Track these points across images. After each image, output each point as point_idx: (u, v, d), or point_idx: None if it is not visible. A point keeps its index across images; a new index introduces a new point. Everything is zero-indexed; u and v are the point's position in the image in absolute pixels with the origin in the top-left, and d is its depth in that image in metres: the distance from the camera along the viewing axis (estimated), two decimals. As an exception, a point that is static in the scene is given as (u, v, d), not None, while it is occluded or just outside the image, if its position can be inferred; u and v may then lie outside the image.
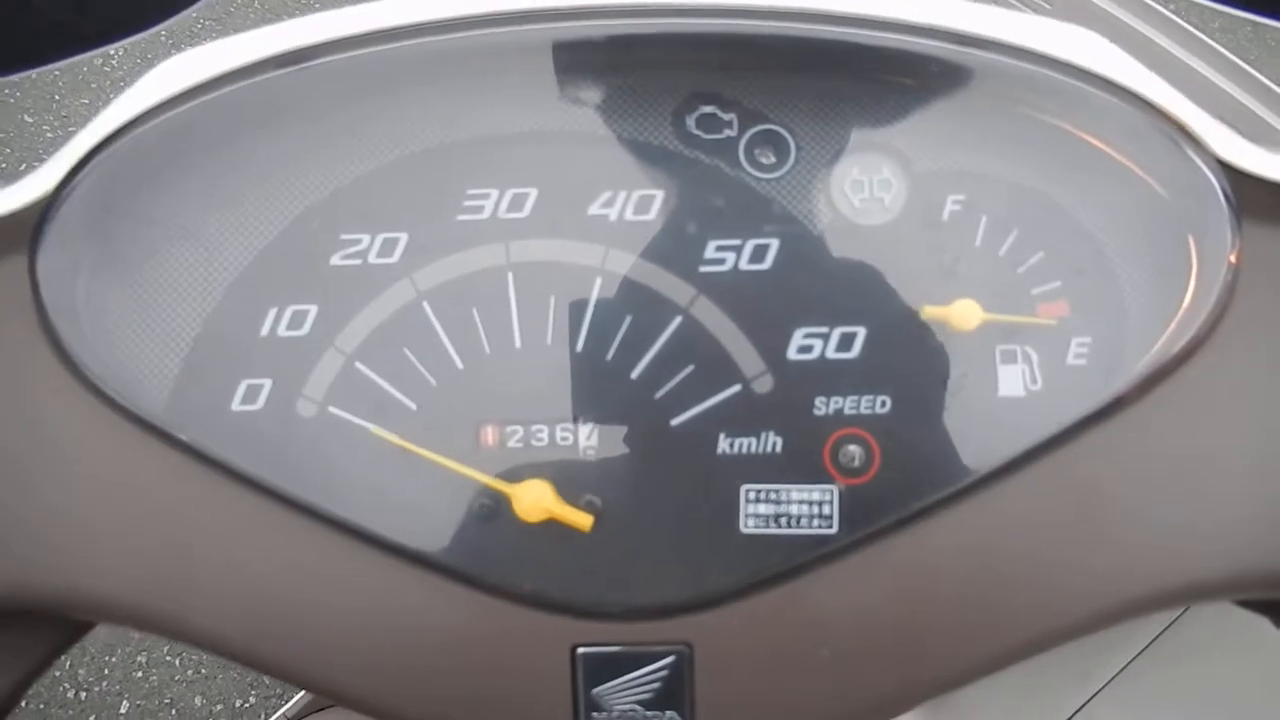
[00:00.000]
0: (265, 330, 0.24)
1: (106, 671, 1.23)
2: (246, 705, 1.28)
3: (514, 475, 0.23)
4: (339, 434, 0.23)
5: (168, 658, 1.21)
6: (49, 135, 1.80)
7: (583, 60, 0.24)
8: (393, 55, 0.24)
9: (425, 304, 0.24)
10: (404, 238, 0.24)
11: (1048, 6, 0.71)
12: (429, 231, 0.24)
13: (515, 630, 0.23)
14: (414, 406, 0.24)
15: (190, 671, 1.26)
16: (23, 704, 0.28)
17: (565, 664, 0.23)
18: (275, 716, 0.92)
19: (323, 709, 0.95)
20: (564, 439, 0.23)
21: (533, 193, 0.24)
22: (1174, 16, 0.59)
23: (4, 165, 1.76)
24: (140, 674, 1.25)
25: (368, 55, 0.24)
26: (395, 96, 0.24)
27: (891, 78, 0.24)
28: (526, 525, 0.23)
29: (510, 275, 0.24)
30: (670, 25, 0.24)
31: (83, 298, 0.23)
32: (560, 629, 0.23)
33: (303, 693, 0.91)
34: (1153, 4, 0.64)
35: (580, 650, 0.23)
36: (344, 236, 0.24)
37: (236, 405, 0.23)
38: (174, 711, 1.26)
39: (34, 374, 0.23)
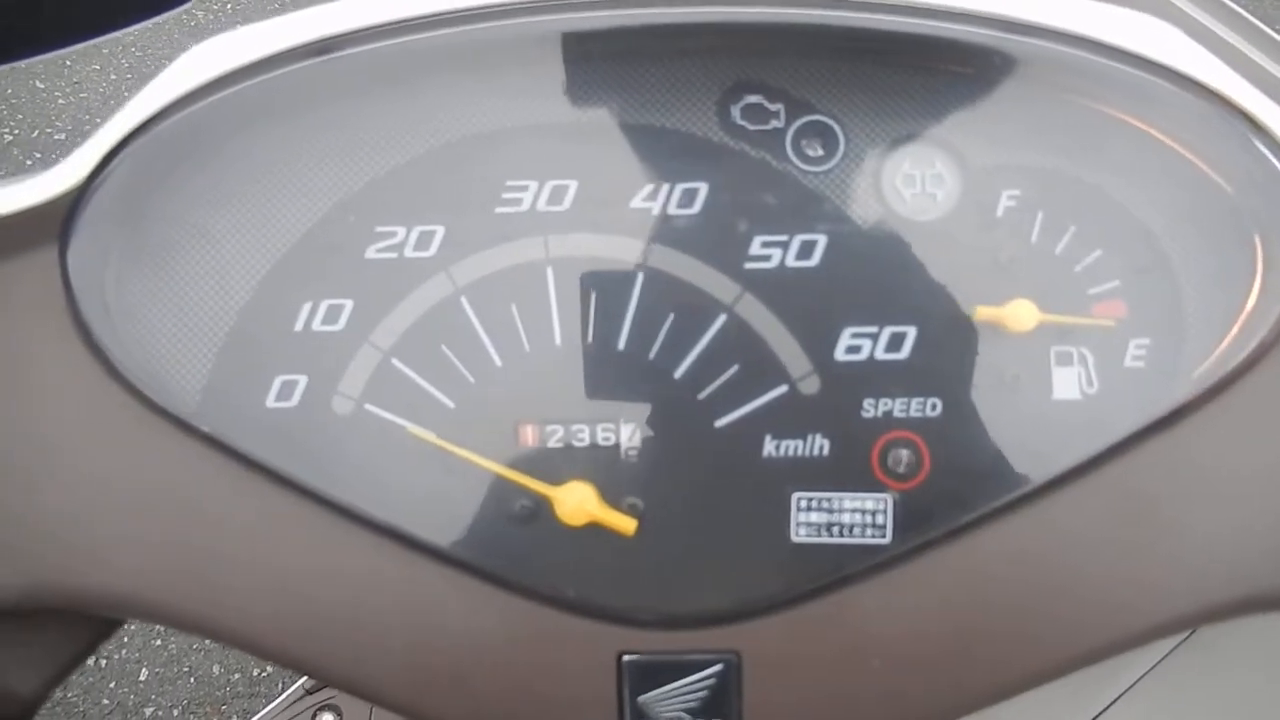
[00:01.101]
0: (300, 325, 0.23)
1: (126, 639, 1.25)
2: (263, 674, 1.29)
3: (555, 476, 0.23)
4: (376, 432, 0.23)
5: (186, 626, 1.23)
6: (60, 102, 1.79)
7: (624, 49, 0.23)
8: (429, 44, 0.23)
9: (463, 299, 0.23)
10: (441, 230, 0.23)
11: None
12: (466, 224, 0.23)
13: (559, 636, 0.23)
14: (452, 405, 0.23)
15: (208, 640, 1.27)
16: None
17: (611, 671, 0.23)
18: (294, 688, 0.92)
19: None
20: (605, 439, 0.23)
21: (573, 185, 0.23)
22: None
23: (17, 131, 1.75)
24: (159, 642, 1.27)
25: (403, 44, 0.23)
26: (431, 85, 0.23)
27: (945, 67, 0.23)
28: (568, 529, 0.22)
29: (550, 270, 0.23)
30: (715, 14, 0.23)
31: (114, 290, 0.23)
32: (605, 636, 0.23)
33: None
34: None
35: (626, 658, 0.23)
36: (379, 229, 0.23)
37: (271, 402, 0.23)
38: (192, 680, 1.27)
39: (64, 367, 0.23)
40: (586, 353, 0.23)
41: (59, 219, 0.22)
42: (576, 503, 0.22)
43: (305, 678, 0.92)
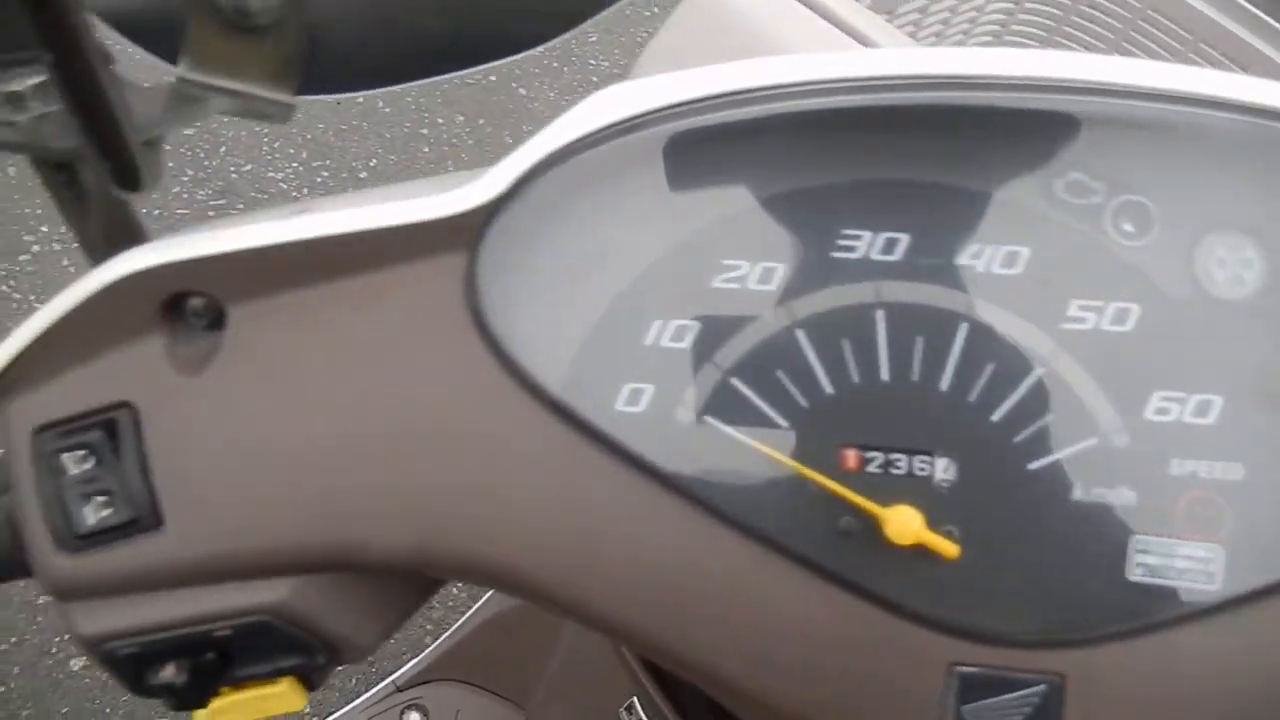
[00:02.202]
0: (649, 340, 0.26)
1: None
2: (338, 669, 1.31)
3: (874, 499, 0.25)
4: (714, 442, 0.26)
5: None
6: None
7: (964, 125, 0.26)
8: (790, 110, 0.26)
9: (798, 331, 0.26)
10: (781, 268, 0.26)
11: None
12: (805, 265, 0.26)
13: (894, 641, 0.25)
14: (784, 424, 0.26)
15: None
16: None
17: (940, 679, 0.25)
18: (384, 684, 0.94)
19: (433, 681, 0.97)
20: (921, 470, 0.25)
21: (905, 239, 0.26)
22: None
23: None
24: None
25: (766, 109, 0.26)
26: (784, 142, 0.26)
27: (1259, 159, 0.25)
28: (893, 546, 0.25)
29: (880, 313, 0.26)
30: (1046, 101, 0.25)
31: (508, 293, 0.26)
32: (939, 645, 0.25)
33: (414, 661, 0.94)
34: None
35: (958, 669, 0.25)
36: (725, 262, 0.26)
37: (620, 406, 0.26)
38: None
39: (460, 355, 0.26)
40: (910, 390, 0.25)
41: (471, 230, 0.26)
42: (903, 523, 0.25)
43: (397, 674, 0.95)
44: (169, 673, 0.27)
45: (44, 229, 1.72)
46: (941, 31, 0.70)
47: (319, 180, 1.89)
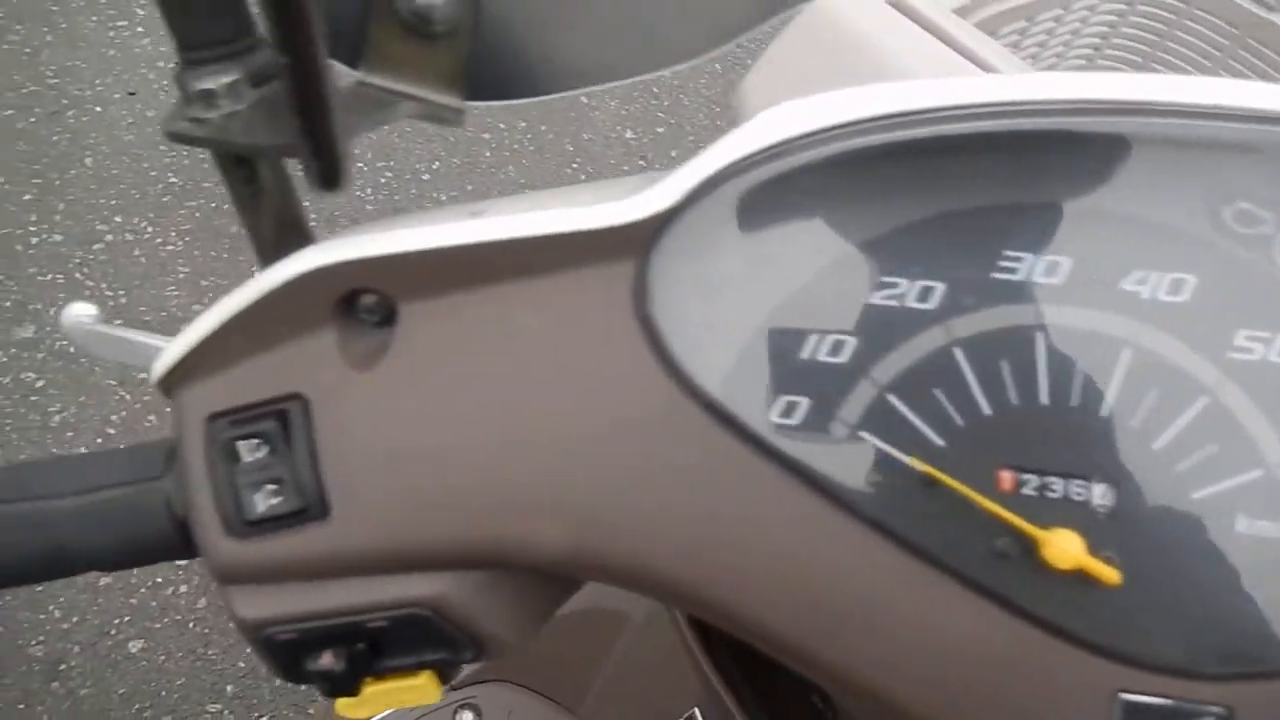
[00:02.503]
0: (806, 354, 0.26)
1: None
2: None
3: (1030, 521, 0.25)
4: (871, 458, 0.26)
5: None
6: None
7: (1130, 151, 0.26)
8: (962, 131, 0.26)
9: (957, 350, 0.26)
10: (941, 287, 0.26)
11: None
12: (965, 285, 0.26)
13: (1053, 663, 0.25)
14: (940, 443, 0.26)
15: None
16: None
17: (1103, 706, 0.25)
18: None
19: (486, 681, 0.98)
20: (1078, 494, 0.25)
21: (1067, 262, 0.26)
22: None
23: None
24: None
25: (948, 130, 0.26)
26: (949, 162, 0.26)
27: None
28: (1051, 569, 0.25)
29: (1040, 335, 0.26)
30: (1215, 129, 0.25)
31: (676, 302, 0.26)
32: (1102, 672, 0.25)
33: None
34: None
35: (1123, 695, 0.25)
36: (884, 279, 0.26)
37: (775, 417, 0.26)
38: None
39: (630, 361, 0.27)
40: (1069, 414, 0.25)
41: (641, 239, 0.26)
42: (1064, 547, 0.24)
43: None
44: (327, 660, 0.28)
45: (118, 219, 1.76)
46: (1038, 54, 0.69)
47: (383, 181, 1.92)
